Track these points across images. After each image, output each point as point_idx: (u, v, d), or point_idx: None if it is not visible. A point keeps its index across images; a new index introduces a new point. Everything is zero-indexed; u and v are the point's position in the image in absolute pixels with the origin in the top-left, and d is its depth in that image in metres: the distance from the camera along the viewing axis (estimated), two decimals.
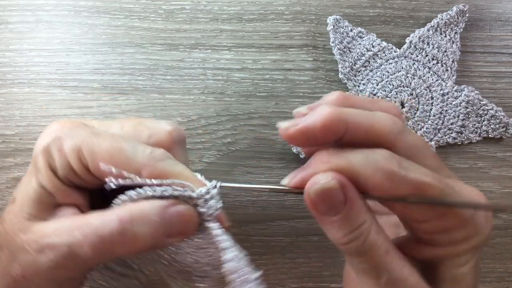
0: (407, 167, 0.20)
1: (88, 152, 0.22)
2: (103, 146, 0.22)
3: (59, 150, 0.22)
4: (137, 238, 0.21)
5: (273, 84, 0.37)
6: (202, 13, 0.37)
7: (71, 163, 0.22)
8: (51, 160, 0.22)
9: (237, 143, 0.36)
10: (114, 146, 0.22)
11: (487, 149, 0.37)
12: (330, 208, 0.20)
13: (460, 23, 0.37)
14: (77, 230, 0.21)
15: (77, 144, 0.22)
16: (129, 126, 0.24)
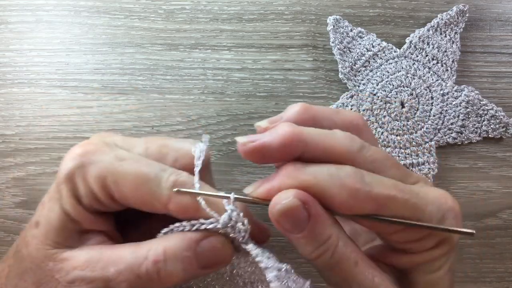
0: (370, 182, 0.20)
1: (113, 183, 0.21)
2: (129, 177, 0.21)
3: (83, 179, 0.22)
4: (172, 275, 0.21)
5: (273, 84, 0.37)
6: (202, 13, 0.37)
7: (95, 192, 0.22)
8: (75, 189, 0.22)
9: None
10: (140, 176, 0.22)
11: (487, 149, 0.37)
12: (294, 225, 0.20)
13: (460, 23, 0.37)
14: (111, 265, 0.21)
15: (101, 173, 0.22)
16: (154, 148, 0.24)
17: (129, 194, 0.22)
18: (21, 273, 0.22)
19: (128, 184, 0.21)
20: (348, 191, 0.19)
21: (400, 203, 0.20)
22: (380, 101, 0.36)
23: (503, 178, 0.37)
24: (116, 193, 0.22)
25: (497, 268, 0.36)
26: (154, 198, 0.21)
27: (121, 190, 0.22)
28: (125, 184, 0.21)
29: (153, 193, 0.21)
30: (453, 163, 0.37)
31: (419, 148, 0.36)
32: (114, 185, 0.21)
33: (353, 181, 0.20)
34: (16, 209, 0.35)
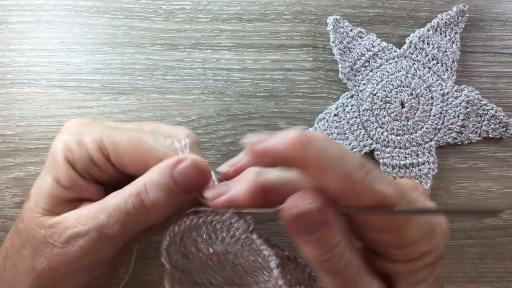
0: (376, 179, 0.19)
1: (110, 143, 0.22)
2: (124, 137, 0.22)
3: (78, 143, 0.22)
4: (157, 203, 0.22)
5: (273, 84, 0.37)
6: (202, 13, 0.37)
7: (92, 155, 0.22)
8: (70, 154, 0.23)
9: (237, 143, 0.36)
10: (136, 137, 0.22)
11: (487, 149, 0.37)
12: (307, 228, 0.20)
13: (460, 23, 0.37)
14: (100, 213, 0.22)
15: (98, 136, 0.22)
16: (147, 128, 0.25)
17: (126, 153, 0.22)
18: (18, 248, 0.23)
19: (126, 144, 0.22)
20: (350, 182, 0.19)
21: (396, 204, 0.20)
22: (380, 101, 0.36)
23: (503, 178, 0.37)
24: (113, 153, 0.22)
25: (497, 268, 0.36)
26: (151, 154, 0.22)
27: (117, 150, 0.22)
28: (123, 144, 0.22)
29: (151, 150, 0.22)
30: (453, 163, 0.37)
31: (419, 148, 0.36)
32: (111, 146, 0.22)
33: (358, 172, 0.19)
34: (16, 209, 0.35)
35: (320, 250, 0.20)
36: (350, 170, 0.19)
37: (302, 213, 0.19)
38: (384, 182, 0.20)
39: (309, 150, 0.18)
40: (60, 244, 0.21)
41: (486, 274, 0.36)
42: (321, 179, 0.19)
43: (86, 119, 0.24)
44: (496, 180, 0.37)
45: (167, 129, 0.25)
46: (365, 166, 0.19)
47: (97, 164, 0.23)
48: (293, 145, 0.19)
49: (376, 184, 0.19)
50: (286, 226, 0.20)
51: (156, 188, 0.22)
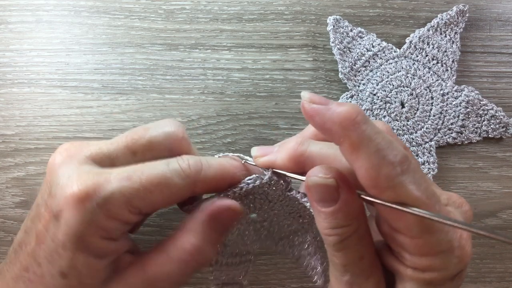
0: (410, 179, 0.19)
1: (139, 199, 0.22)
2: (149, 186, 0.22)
3: (107, 217, 0.21)
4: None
5: (273, 84, 0.37)
6: (202, 13, 0.37)
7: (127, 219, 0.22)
8: (103, 232, 0.22)
9: (237, 143, 0.36)
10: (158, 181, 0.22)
11: (487, 149, 0.37)
12: (322, 200, 0.21)
13: (460, 23, 0.37)
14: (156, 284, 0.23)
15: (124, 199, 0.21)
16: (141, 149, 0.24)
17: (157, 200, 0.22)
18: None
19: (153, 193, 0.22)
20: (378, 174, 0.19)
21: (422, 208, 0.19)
22: (380, 101, 0.36)
23: (503, 178, 0.37)
24: (144, 208, 0.22)
25: (497, 268, 0.36)
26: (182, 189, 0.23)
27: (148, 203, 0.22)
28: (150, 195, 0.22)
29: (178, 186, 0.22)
30: (453, 163, 0.37)
31: (419, 148, 0.36)
32: (140, 202, 0.22)
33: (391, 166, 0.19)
34: (16, 209, 0.35)
35: (328, 224, 0.21)
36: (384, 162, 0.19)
37: (317, 184, 0.20)
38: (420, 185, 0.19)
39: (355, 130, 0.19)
40: None
41: (486, 274, 0.36)
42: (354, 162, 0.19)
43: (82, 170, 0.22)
44: (496, 180, 0.37)
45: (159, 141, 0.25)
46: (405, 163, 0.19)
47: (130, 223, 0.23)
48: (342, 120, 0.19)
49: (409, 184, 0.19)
50: (306, 192, 0.22)
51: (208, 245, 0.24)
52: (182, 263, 0.23)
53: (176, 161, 0.23)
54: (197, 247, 0.23)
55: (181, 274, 0.23)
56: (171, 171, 0.22)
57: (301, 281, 0.36)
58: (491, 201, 0.37)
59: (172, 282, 0.23)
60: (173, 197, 0.23)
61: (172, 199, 0.23)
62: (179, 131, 0.25)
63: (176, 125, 0.25)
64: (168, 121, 0.26)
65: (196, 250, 0.23)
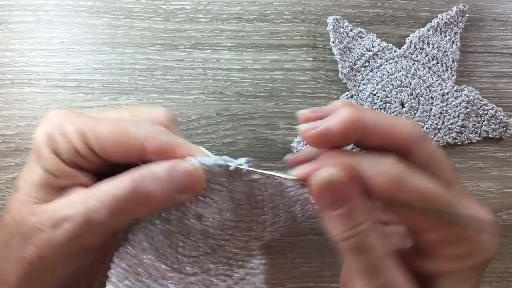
0: (413, 175, 0.20)
1: (92, 133, 0.22)
2: (106, 126, 0.22)
3: (62, 134, 0.22)
4: (150, 195, 0.21)
5: (273, 84, 0.37)
6: (202, 13, 0.37)
7: (76, 145, 0.22)
8: (55, 145, 0.22)
9: (237, 143, 0.36)
10: (117, 126, 0.22)
11: (487, 149, 0.37)
12: (334, 200, 0.20)
13: (460, 23, 0.37)
14: (91, 198, 0.21)
15: (79, 127, 0.22)
16: (125, 113, 0.25)
17: (108, 142, 0.22)
18: (6, 240, 0.22)
19: (107, 133, 0.22)
20: (389, 176, 0.20)
21: (436, 205, 0.20)
22: (380, 101, 0.36)
23: (503, 178, 0.37)
24: (95, 143, 0.22)
25: (497, 268, 0.36)
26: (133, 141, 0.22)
27: (99, 139, 0.22)
28: (105, 134, 0.22)
29: (132, 136, 0.22)
30: (453, 163, 0.37)
31: None
32: (94, 136, 0.22)
33: (395, 168, 0.20)
34: None
35: (345, 226, 0.21)
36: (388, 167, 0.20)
37: (330, 181, 0.20)
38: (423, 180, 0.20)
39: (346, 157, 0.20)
40: (48, 228, 0.21)
41: (486, 274, 0.36)
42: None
43: (66, 110, 0.24)
44: (496, 180, 0.37)
45: (145, 110, 0.25)
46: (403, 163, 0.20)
47: (81, 155, 0.23)
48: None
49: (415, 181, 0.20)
50: (315, 198, 0.21)
51: (153, 179, 0.22)
52: (120, 190, 0.21)
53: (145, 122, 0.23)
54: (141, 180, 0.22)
55: (116, 199, 0.21)
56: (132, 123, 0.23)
57: (301, 281, 0.36)
58: (491, 201, 0.37)
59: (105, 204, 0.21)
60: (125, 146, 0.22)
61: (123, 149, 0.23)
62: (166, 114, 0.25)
63: (167, 111, 0.25)
64: (162, 107, 0.26)
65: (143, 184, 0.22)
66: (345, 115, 0.21)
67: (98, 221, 0.21)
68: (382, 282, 0.20)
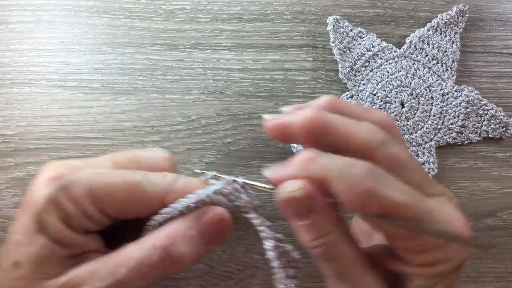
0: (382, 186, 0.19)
1: (104, 195, 0.21)
2: (117, 184, 0.21)
3: (70, 200, 0.20)
4: (183, 256, 0.21)
5: (273, 84, 0.37)
6: (202, 13, 0.37)
7: (87, 210, 0.21)
8: (62, 213, 0.21)
9: (237, 143, 0.36)
10: (127, 182, 0.21)
11: (487, 149, 0.37)
12: (296, 214, 0.21)
13: (460, 23, 0.37)
14: (120, 266, 0.20)
15: (89, 187, 0.21)
16: (125, 161, 0.23)
17: (123, 202, 0.21)
18: None
19: (120, 192, 0.21)
20: (356, 193, 0.19)
21: (408, 213, 0.20)
22: (380, 101, 0.36)
23: (503, 178, 0.37)
24: (109, 205, 0.21)
25: (497, 268, 0.36)
26: (150, 196, 0.21)
27: (113, 201, 0.21)
28: (116, 193, 0.21)
29: (147, 192, 0.21)
30: (453, 163, 0.37)
31: (419, 148, 0.36)
32: (105, 197, 0.21)
33: (364, 180, 0.19)
34: (16, 209, 0.35)
35: (311, 235, 0.21)
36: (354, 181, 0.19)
37: (290, 198, 0.20)
38: (396, 190, 0.20)
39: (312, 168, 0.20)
40: None
41: (486, 274, 0.36)
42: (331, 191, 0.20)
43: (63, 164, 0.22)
44: (496, 180, 0.37)
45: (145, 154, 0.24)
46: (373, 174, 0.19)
47: (93, 218, 0.21)
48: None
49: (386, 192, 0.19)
50: (280, 207, 0.21)
51: (183, 239, 0.21)
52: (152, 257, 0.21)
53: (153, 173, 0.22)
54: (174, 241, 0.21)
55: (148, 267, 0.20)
56: (144, 178, 0.21)
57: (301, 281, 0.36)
58: (491, 201, 0.37)
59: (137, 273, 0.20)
60: (142, 204, 0.21)
61: (140, 207, 0.22)
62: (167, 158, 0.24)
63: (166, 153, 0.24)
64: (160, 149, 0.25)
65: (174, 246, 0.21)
66: (308, 114, 0.21)
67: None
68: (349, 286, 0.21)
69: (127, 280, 0.20)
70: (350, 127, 0.21)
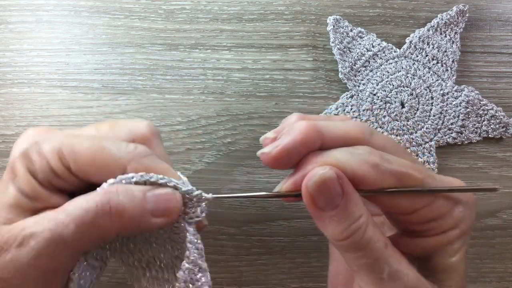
0: (389, 160, 0.21)
1: (70, 152, 0.21)
2: (84, 145, 0.21)
3: (38, 153, 0.21)
4: (123, 210, 0.20)
5: (273, 84, 0.37)
6: (202, 13, 0.37)
7: (52, 165, 0.21)
8: (30, 164, 0.21)
9: (237, 143, 0.36)
10: (96, 144, 0.21)
11: (487, 149, 0.37)
12: (328, 201, 0.20)
13: (460, 23, 0.37)
14: (60, 212, 0.20)
15: (57, 145, 0.21)
16: (105, 127, 0.24)
17: (87, 162, 0.21)
18: None
19: (86, 153, 0.21)
20: (369, 165, 0.20)
21: (417, 180, 0.21)
22: (380, 101, 0.36)
23: (503, 178, 0.37)
24: (73, 163, 0.21)
25: (497, 268, 0.36)
26: (114, 162, 0.21)
27: (77, 159, 0.21)
28: (83, 153, 0.21)
29: (112, 157, 0.21)
30: (453, 163, 0.37)
31: (419, 148, 0.36)
32: (71, 156, 0.21)
33: (372, 157, 0.21)
34: None
35: (344, 224, 0.20)
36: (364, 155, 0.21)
37: (322, 182, 0.20)
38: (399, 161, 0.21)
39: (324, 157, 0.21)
40: (13, 248, 0.19)
41: (486, 274, 0.36)
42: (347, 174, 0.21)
43: (43, 127, 0.24)
44: (496, 180, 0.37)
45: (126, 123, 0.24)
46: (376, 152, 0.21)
47: (58, 174, 0.22)
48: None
49: (394, 163, 0.21)
50: (308, 205, 0.21)
51: (128, 195, 0.21)
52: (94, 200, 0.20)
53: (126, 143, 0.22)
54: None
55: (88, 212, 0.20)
56: (113, 144, 0.22)
57: (301, 281, 0.36)
58: (491, 201, 0.37)
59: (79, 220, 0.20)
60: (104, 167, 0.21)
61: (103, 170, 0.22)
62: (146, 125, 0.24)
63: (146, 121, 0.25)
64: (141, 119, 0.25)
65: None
66: (302, 126, 0.21)
67: (67, 236, 0.19)
68: (388, 271, 0.20)
69: (64, 224, 0.20)
70: (340, 125, 0.22)
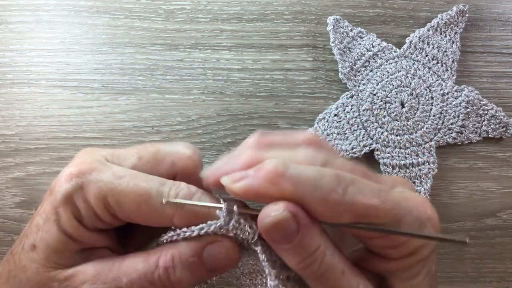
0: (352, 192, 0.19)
1: (115, 202, 0.22)
2: (130, 196, 0.22)
3: (83, 200, 0.22)
4: (181, 280, 0.22)
5: (273, 84, 0.37)
6: (202, 13, 0.37)
7: (98, 213, 0.22)
8: (76, 210, 0.22)
9: (237, 143, 0.36)
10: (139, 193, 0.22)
11: (487, 149, 0.37)
12: (283, 237, 0.20)
13: (460, 23, 0.37)
14: (123, 275, 0.21)
15: (101, 193, 0.21)
16: (148, 157, 0.24)
17: (132, 212, 0.22)
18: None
19: (130, 203, 0.21)
20: (328, 205, 0.19)
21: (381, 213, 0.20)
22: (380, 101, 0.36)
23: (503, 178, 0.37)
24: (119, 213, 0.22)
25: (497, 268, 0.36)
26: (158, 214, 0.22)
27: (123, 209, 0.22)
28: (127, 203, 0.21)
29: (157, 209, 0.22)
30: (453, 163, 0.37)
31: (419, 148, 0.36)
32: (116, 205, 0.22)
33: (333, 193, 0.19)
34: (16, 209, 0.35)
35: (299, 257, 0.20)
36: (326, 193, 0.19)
37: (276, 223, 0.20)
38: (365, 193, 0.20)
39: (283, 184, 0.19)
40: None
41: (486, 274, 0.36)
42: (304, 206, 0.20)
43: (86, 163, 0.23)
44: (496, 180, 0.37)
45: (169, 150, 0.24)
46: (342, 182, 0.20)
47: (103, 220, 0.22)
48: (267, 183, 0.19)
49: (357, 197, 0.19)
50: (265, 237, 0.21)
51: (183, 265, 0.22)
52: (153, 274, 0.22)
53: (169, 185, 0.22)
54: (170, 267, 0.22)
55: (148, 282, 0.22)
56: (157, 192, 0.22)
57: None
58: (491, 201, 0.37)
59: (136, 286, 0.22)
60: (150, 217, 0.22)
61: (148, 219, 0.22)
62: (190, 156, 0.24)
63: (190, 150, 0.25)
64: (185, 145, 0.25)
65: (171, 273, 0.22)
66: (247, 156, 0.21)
67: None
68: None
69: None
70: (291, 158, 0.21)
